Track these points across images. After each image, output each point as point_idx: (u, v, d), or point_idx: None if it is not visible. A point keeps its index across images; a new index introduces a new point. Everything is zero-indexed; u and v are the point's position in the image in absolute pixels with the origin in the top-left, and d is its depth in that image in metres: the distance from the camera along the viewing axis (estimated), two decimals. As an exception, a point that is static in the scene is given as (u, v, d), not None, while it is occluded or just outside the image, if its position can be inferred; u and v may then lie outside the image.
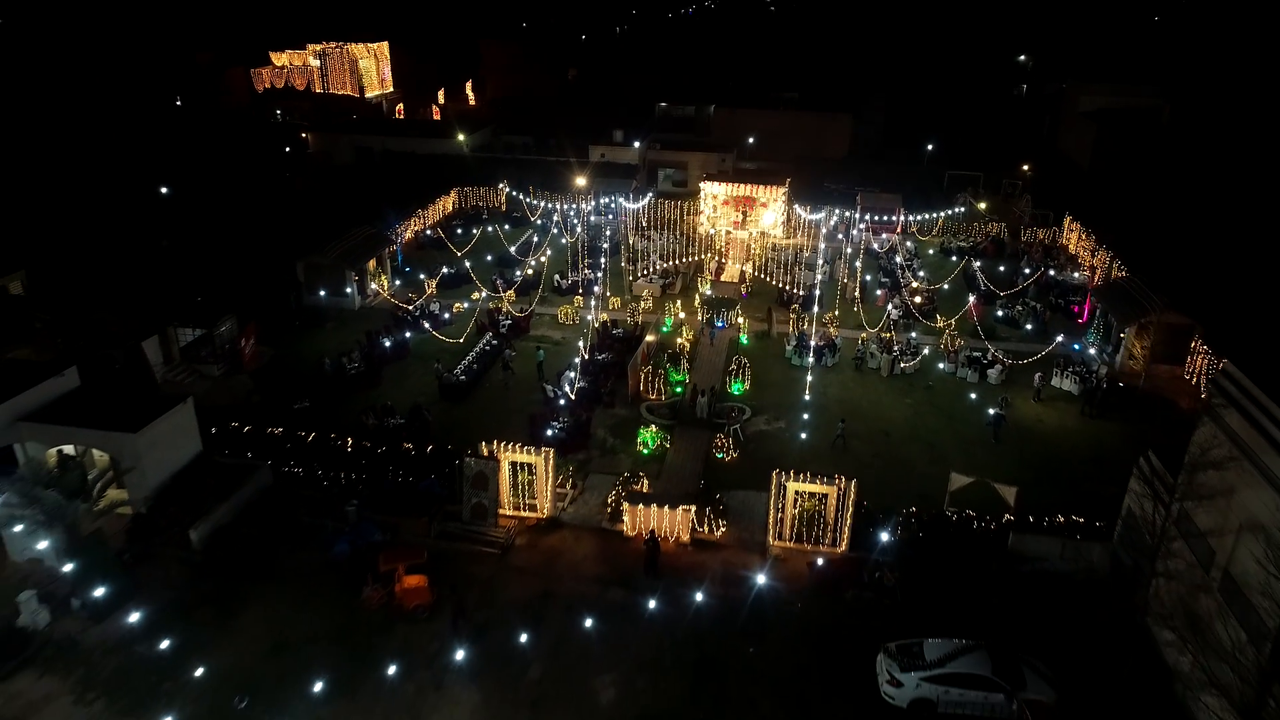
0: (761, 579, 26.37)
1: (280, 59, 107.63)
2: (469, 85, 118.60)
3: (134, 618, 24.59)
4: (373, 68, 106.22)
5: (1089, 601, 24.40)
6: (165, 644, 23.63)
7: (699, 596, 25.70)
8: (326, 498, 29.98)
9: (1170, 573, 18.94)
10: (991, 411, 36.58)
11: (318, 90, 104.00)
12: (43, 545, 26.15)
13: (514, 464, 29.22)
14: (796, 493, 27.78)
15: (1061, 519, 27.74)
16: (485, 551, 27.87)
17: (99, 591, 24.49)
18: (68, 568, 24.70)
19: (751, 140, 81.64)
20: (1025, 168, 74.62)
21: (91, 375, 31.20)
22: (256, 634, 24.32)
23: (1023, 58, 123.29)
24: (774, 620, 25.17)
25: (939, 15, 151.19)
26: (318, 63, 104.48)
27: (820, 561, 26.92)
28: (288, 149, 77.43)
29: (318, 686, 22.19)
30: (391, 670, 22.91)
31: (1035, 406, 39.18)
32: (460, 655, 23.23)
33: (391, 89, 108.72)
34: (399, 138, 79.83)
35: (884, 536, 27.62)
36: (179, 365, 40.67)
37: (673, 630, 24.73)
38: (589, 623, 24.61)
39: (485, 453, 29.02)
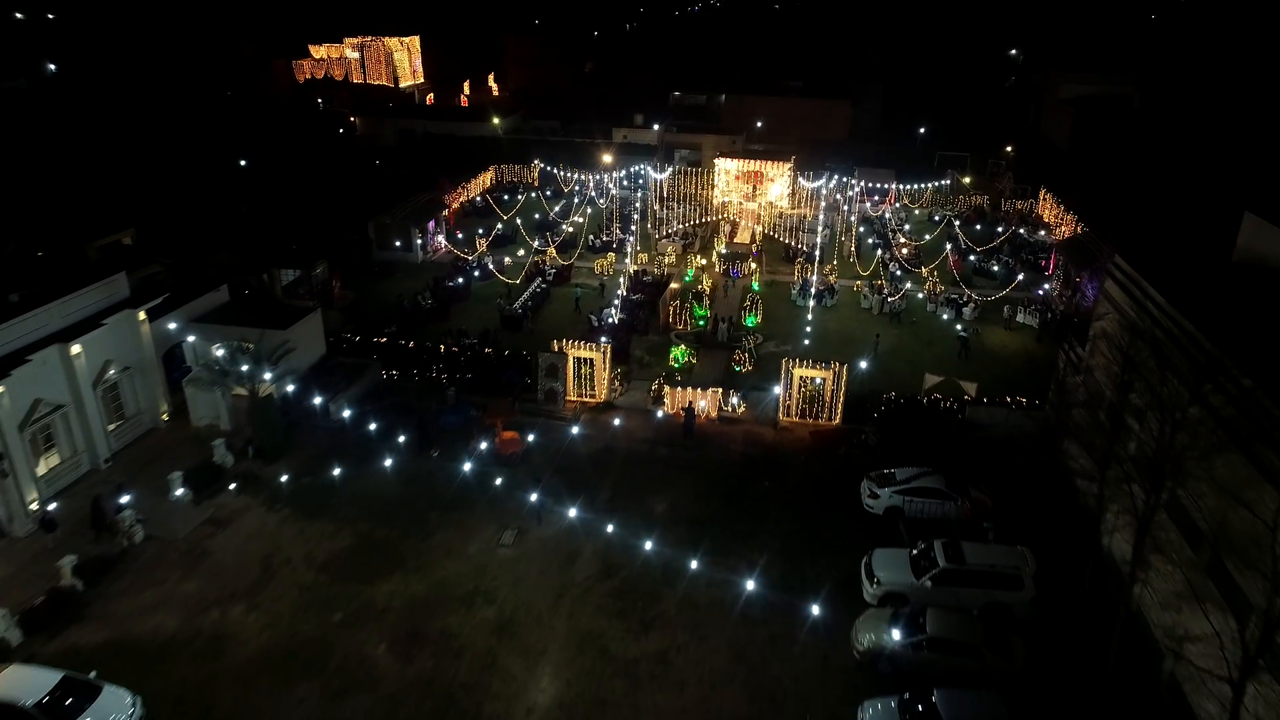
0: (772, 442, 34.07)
1: (319, 52, 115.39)
2: (491, 77, 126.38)
3: (296, 461, 32.44)
4: (405, 60, 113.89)
5: (1022, 450, 32.10)
6: (324, 476, 31.46)
7: (726, 452, 33.41)
8: (428, 386, 37.75)
9: (1075, 403, 26.46)
10: (959, 327, 44.37)
11: (355, 80, 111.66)
12: (218, 411, 33.99)
13: (577, 359, 36.97)
14: (801, 377, 35.49)
15: (1009, 399, 35.45)
16: (558, 424, 35.62)
17: (268, 442, 32.34)
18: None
19: (759, 124, 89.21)
20: (1009, 149, 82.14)
21: (236, 293, 39.01)
22: (390, 472, 32.09)
23: (1014, 52, 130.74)
24: (783, 468, 32.87)
25: (937, 11, 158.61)
26: (356, 55, 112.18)
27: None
28: (341, 130, 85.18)
29: (445, 502, 30.00)
30: (498, 494, 30.70)
31: (1003, 334, 46.86)
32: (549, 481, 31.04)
33: (422, 80, 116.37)
34: (439, 121, 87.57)
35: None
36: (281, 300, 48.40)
37: (706, 472, 32.44)
38: (643, 466, 32.36)
39: (555, 349, 36.75)
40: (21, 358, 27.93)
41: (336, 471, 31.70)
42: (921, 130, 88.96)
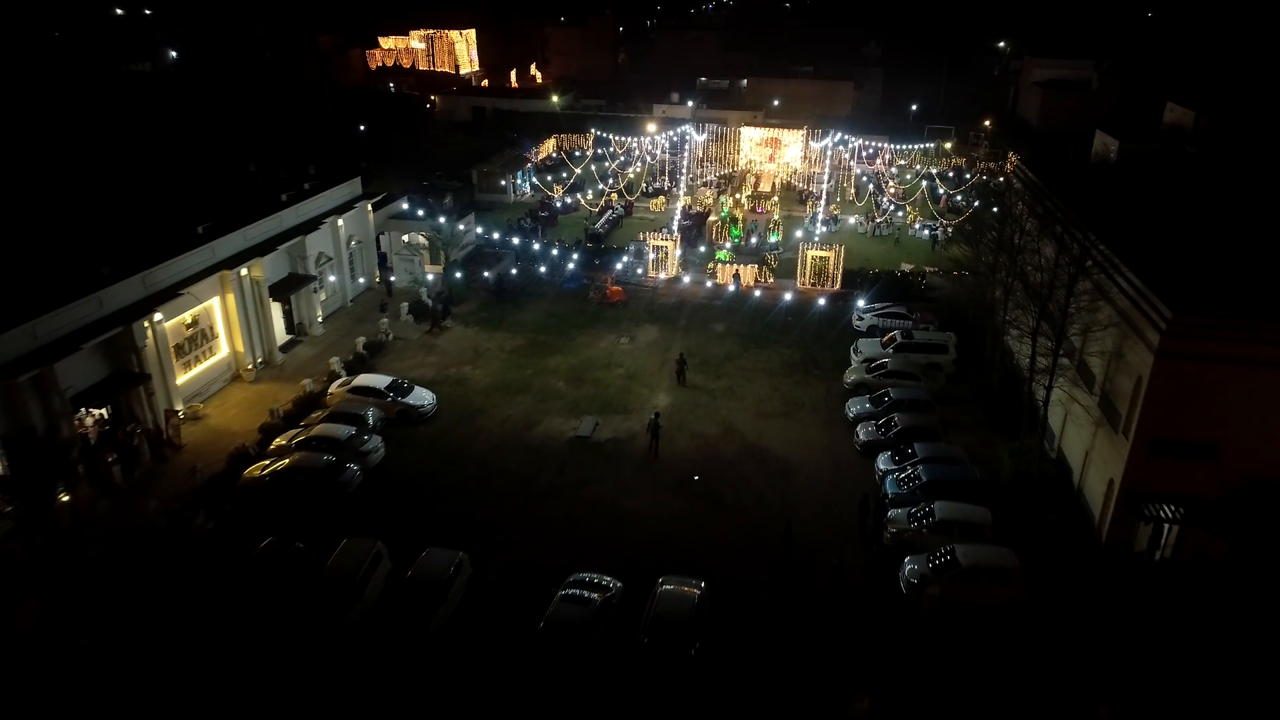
0: (791, 298, 50.01)
1: (387, 42, 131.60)
2: (533, 66, 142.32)
3: (473, 304, 48.53)
4: (464, 50, 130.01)
5: (962, 299, 47.87)
6: (496, 313, 47.51)
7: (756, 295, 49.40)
8: (552, 263, 53.82)
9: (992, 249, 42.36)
10: (930, 232, 60.30)
11: (421, 68, 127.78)
12: (415, 274, 50.01)
13: (655, 246, 52.91)
14: (811, 255, 51.37)
15: (955, 272, 51.29)
16: (644, 289, 51.60)
17: (455, 292, 48.37)
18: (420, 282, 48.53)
19: (775, 103, 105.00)
20: (986, 123, 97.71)
21: (412, 202, 55.16)
22: (536, 311, 48.16)
23: (1002, 44, 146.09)
24: (801, 311, 48.76)
25: (935, 6, 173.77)
26: (422, 46, 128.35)
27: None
28: (428, 105, 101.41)
29: (579, 324, 46.02)
30: (612, 320, 46.70)
31: (965, 247, 62.45)
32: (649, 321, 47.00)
33: (478, 67, 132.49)
34: (505, 99, 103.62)
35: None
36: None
37: (747, 311, 48.31)
38: (704, 310, 48.36)
39: (640, 238, 52.67)
40: (318, 222, 43.96)
41: (504, 306, 48.00)
42: (914, 108, 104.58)
